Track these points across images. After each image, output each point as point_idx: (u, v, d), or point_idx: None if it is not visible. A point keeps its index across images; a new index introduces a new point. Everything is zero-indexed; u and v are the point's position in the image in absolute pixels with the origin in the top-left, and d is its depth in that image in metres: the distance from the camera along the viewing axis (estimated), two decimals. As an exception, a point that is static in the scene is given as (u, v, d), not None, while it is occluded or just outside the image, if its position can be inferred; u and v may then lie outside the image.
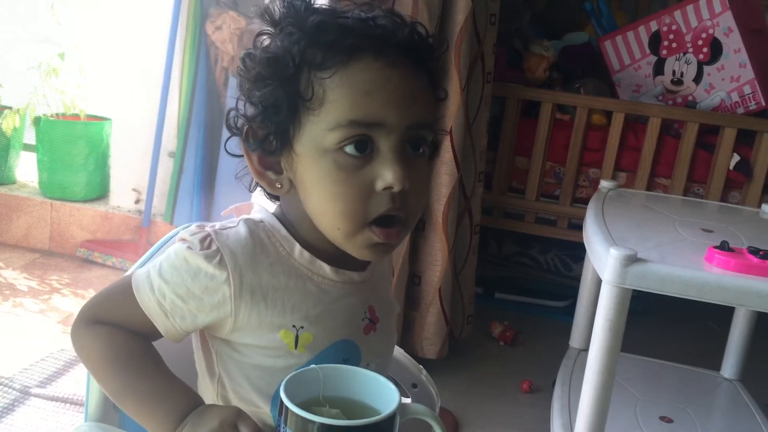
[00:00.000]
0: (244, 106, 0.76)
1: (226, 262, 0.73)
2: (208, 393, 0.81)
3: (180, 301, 0.74)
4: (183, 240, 0.75)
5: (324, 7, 0.75)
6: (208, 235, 0.75)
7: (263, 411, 0.77)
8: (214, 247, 0.73)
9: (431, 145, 0.78)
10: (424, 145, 0.74)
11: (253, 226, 0.77)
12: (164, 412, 0.73)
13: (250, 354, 0.76)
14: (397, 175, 0.70)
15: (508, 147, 2.29)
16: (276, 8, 0.74)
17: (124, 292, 0.76)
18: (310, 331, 0.75)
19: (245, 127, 0.75)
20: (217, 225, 0.78)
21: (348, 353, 0.79)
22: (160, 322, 0.75)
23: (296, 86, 0.71)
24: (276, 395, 0.71)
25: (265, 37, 0.75)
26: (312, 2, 0.74)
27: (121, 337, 0.76)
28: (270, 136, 0.73)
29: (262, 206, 0.82)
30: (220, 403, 0.80)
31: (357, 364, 0.78)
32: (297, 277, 0.76)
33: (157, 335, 0.77)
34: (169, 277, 0.74)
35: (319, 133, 0.71)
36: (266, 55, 0.73)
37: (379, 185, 0.71)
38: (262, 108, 0.73)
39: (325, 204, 0.73)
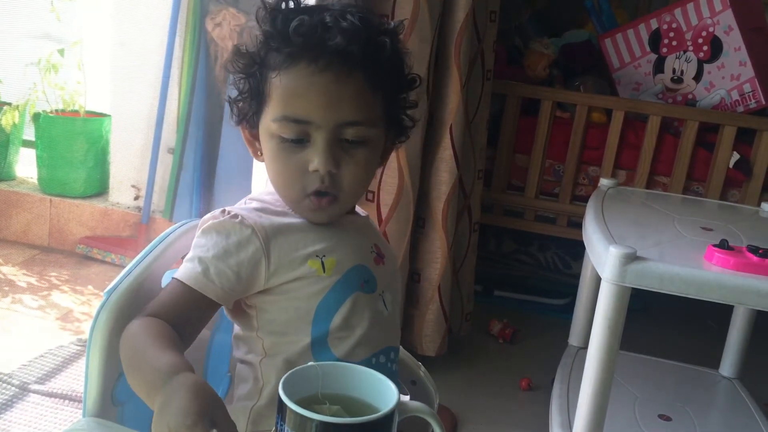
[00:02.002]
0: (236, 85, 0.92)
1: (246, 221, 0.86)
2: (247, 350, 0.90)
3: (222, 264, 0.84)
4: (204, 223, 0.88)
5: (300, 5, 0.88)
6: (224, 209, 0.89)
7: (303, 341, 0.86)
8: (233, 213, 0.87)
9: (393, 130, 0.93)
10: (361, 138, 0.86)
11: (256, 196, 0.93)
12: (151, 376, 0.72)
13: (288, 291, 0.86)
14: (322, 161, 0.84)
15: (508, 145, 2.29)
16: (266, 6, 0.88)
17: (169, 286, 0.85)
18: (332, 257, 0.88)
19: (233, 104, 0.92)
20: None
21: (367, 276, 0.91)
22: (210, 291, 0.83)
23: (257, 81, 0.88)
24: (314, 321, 0.86)
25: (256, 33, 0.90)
26: (291, 3, 0.87)
27: (155, 321, 0.80)
28: (248, 115, 0.90)
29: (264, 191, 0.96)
30: (265, 343, 0.88)
31: (374, 290, 0.91)
32: (305, 222, 0.90)
33: (209, 313, 0.85)
34: (206, 248, 0.85)
35: (267, 121, 0.87)
36: (242, 53, 0.89)
37: (311, 167, 0.85)
38: (238, 92, 0.90)
39: (273, 176, 0.89)
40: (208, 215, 0.89)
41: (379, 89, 0.87)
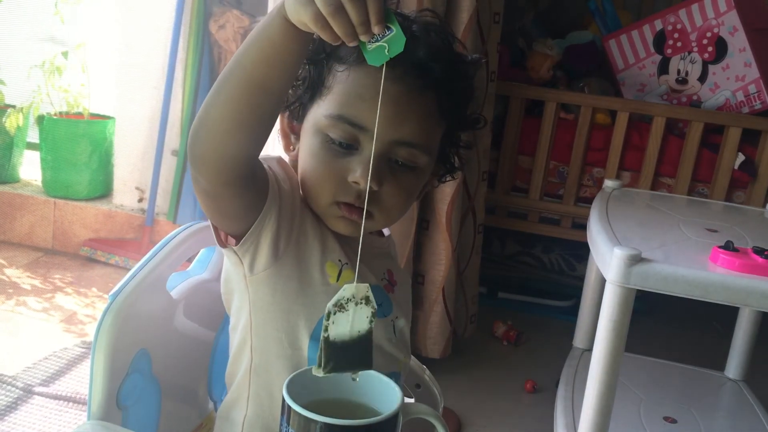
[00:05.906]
0: None
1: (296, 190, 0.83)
2: (245, 349, 0.84)
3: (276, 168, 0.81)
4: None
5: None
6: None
7: (299, 353, 0.81)
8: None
9: (441, 166, 0.88)
10: (413, 163, 0.81)
11: None
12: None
13: (292, 287, 0.80)
14: (365, 174, 0.76)
15: (512, 146, 2.29)
16: None
17: None
18: (350, 270, 0.83)
19: None
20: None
21: (381, 299, 0.86)
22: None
23: (320, 70, 0.81)
24: (312, 337, 0.80)
25: None
26: None
27: None
28: (296, 103, 0.84)
29: None
30: (253, 354, 0.82)
31: (389, 313, 0.87)
32: (331, 233, 0.84)
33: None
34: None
35: (318, 115, 0.81)
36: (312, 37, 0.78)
37: (350, 177, 0.79)
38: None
39: (305, 174, 0.83)
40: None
41: (445, 117, 0.82)
